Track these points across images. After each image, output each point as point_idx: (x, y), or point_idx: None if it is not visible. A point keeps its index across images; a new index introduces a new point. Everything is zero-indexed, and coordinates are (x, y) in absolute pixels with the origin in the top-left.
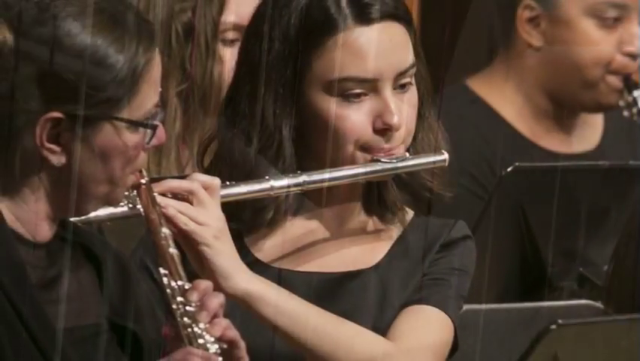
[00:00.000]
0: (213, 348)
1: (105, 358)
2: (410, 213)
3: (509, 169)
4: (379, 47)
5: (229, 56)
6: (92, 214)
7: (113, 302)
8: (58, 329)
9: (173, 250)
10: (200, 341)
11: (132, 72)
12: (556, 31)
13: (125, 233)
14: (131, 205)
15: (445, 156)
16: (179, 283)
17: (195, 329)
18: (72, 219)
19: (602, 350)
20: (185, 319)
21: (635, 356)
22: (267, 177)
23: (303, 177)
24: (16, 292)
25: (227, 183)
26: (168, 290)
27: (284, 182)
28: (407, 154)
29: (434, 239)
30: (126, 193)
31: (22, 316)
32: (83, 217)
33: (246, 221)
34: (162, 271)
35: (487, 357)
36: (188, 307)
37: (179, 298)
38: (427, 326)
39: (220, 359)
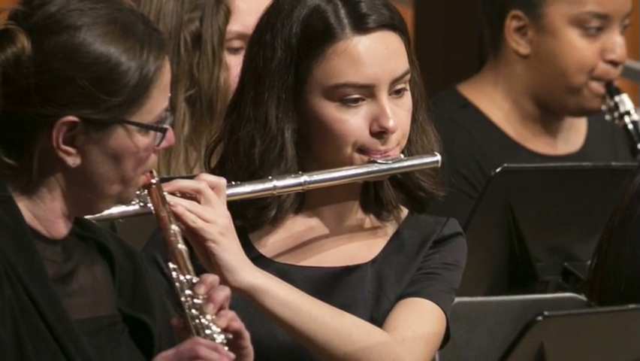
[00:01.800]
0: (219, 338)
1: (118, 348)
2: (405, 212)
3: (498, 170)
4: (376, 54)
5: (234, 63)
6: (106, 212)
7: (125, 295)
8: (73, 321)
9: (181, 246)
10: (207, 331)
11: (143, 78)
12: (542, 40)
13: (136, 230)
14: (142, 204)
15: (438, 157)
16: (188, 277)
17: (202, 321)
18: (87, 216)
19: (585, 339)
20: (193, 311)
21: (615, 345)
22: (270, 178)
23: (304, 178)
24: (33, 285)
25: (233, 182)
26: (177, 284)
27: (286, 182)
28: (402, 156)
29: (427, 236)
30: (137, 192)
31: (39, 308)
32: (97, 215)
33: (250, 219)
34: (171, 265)
35: (477, 347)
36: (195, 300)
37: (188, 292)
38: (420, 318)
39: (226, 348)
